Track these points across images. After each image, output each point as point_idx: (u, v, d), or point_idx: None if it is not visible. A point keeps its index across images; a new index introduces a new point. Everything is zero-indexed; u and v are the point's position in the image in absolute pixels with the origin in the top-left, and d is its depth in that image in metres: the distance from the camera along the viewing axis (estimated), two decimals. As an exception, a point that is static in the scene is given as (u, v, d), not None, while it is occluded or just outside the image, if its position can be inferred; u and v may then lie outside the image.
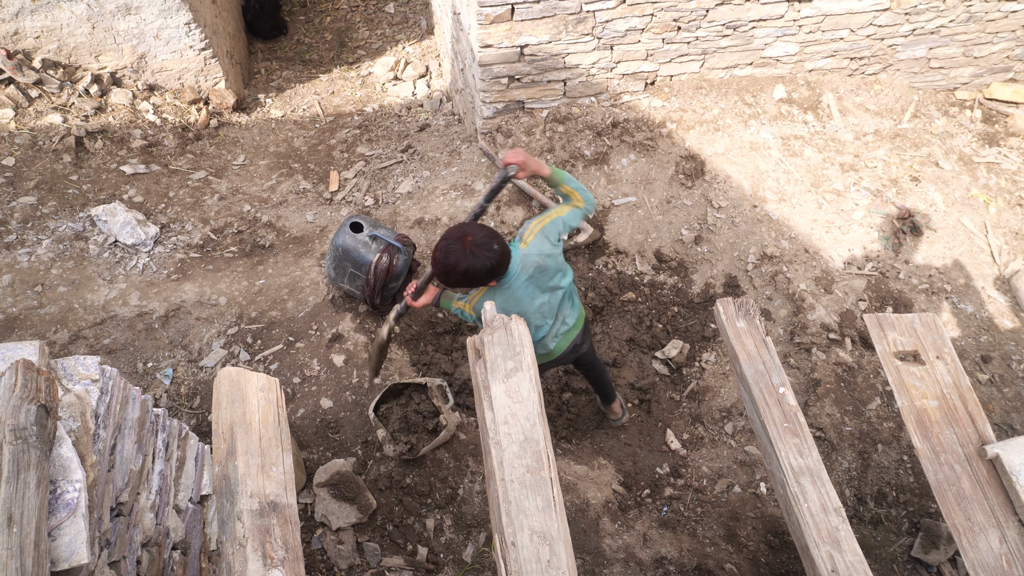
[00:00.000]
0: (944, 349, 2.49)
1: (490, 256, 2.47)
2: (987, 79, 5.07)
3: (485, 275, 2.50)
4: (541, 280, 2.73)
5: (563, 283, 2.84)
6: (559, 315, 2.95)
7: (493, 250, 2.48)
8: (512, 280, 2.65)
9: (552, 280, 2.78)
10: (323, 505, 3.20)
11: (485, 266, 2.47)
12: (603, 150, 4.49)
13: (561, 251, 2.79)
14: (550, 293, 2.81)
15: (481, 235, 2.49)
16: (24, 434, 1.74)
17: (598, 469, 3.66)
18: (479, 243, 2.46)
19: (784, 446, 2.20)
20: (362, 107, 5.92)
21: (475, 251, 2.45)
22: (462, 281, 2.51)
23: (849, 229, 4.36)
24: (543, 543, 1.78)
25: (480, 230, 2.51)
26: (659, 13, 4.17)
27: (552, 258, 2.73)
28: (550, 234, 2.73)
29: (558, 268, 2.78)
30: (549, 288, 2.79)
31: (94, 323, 3.82)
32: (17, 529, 1.63)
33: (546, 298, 2.81)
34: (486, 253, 2.46)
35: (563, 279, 2.83)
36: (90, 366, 2.19)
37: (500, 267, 2.52)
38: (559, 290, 2.84)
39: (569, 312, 3.00)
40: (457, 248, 2.46)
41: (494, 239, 2.51)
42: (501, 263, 2.52)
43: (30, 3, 4.60)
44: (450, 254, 2.46)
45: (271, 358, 3.77)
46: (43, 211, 4.34)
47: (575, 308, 3.04)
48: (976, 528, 2.12)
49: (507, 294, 2.66)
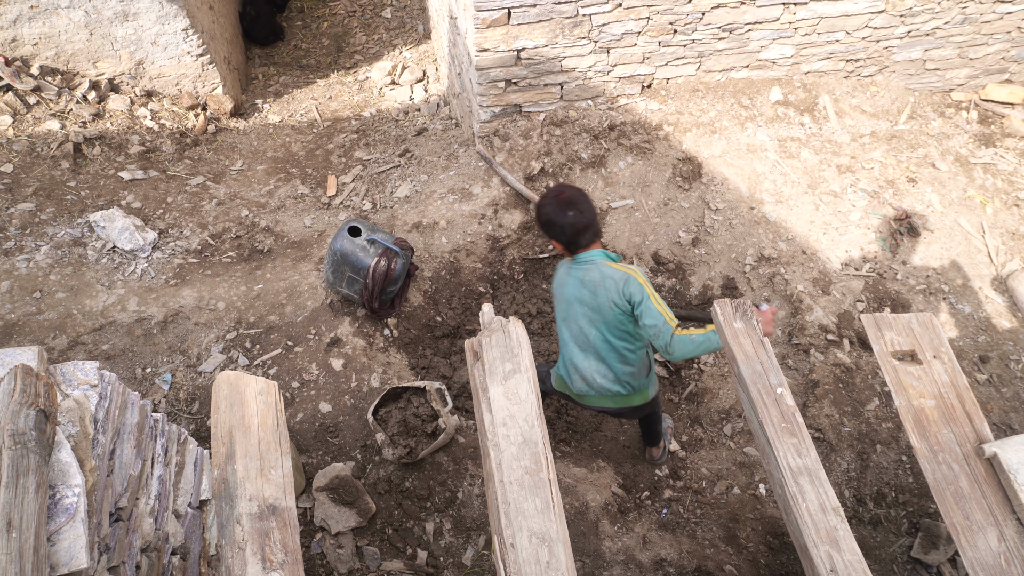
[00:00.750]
0: (941, 349, 2.49)
1: (567, 217, 2.68)
2: (983, 80, 5.09)
3: (556, 232, 2.72)
4: (584, 297, 2.79)
5: (594, 331, 2.83)
6: (587, 367, 2.92)
7: (569, 215, 2.68)
8: (575, 266, 2.82)
9: (592, 314, 2.80)
10: (322, 509, 3.20)
11: (560, 222, 2.69)
12: (600, 153, 4.50)
13: (620, 319, 2.75)
14: (593, 311, 2.81)
15: (576, 195, 2.73)
16: (23, 439, 1.74)
17: (597, 471, 3.66)
18: (570, 200, 2.70)
19: (782, 446, 2.20)
20: (359, 112, 5.94)
21: (561, 206, 2.69)
22: (544, 228, 2.77)
23: (846, 230, 4.37)
24: (542, 544, 1.78)
25: (577, 193, 2.74)
26: (655, 16, 4.19)
27: (604, 297, 2.73)
28: (627, 287, 2.69)
29: (599, 311, 2.77)
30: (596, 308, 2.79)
31: (93, 329, 3.83)
32: (16, 534, 1.63)
33: (581, 325, 2.85)
34: (568, 212, 2.68)
35: (597, 330, 2.82)
36: (89, 371, 2.20)
37: (574, 232, 2.70)
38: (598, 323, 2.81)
39: (598, 380, 2.94)
40: (551, 200, 2.73)
41: (576, 205, 2.69)
42: (575, 230, 2.69)
43: (28, 10, 4.61)
44: (546, 198, 2.76)
45: (270, 363, 3.77)
46: (41, 217, 4.34)
47: (615, 381, 2.94)
48: (974, 527, 2.12)
49: (565, 274, 2.86)
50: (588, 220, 2.71)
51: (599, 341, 2.85)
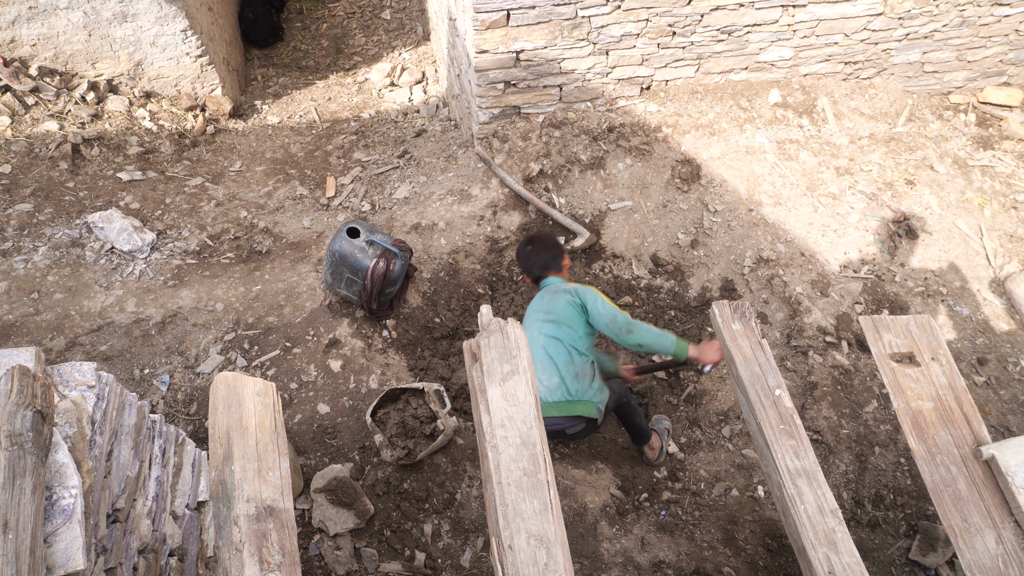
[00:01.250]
0: (939, 351, 2.50)
1: (527, 250, 3.40)
2: (981, 83, 5.10)
3: (521, 264, 3.45)
4: (543, 303, 3.24)
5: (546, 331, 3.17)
6: (539, 371, 3.17)
7: (528, 248, 3.40)
8: (539, 294, 3.34)
9: (544, 316, 3.20)
10: (320, 511, 3.20)
11: (522, 254, 3.43)
12: (599, 155, 4.51)
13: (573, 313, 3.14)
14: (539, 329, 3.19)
15: (538, 234, 3.49)
16: (20, 440, 1.73)
17: (596, 473, 3.65)
18: (530, 239, 3.44)
19: (780, 448, 2.20)
20: (358, 113, 5.94)
21: (524, 243, 3.44)
22: (518, 263, 3.55)
23: (845, 232, 4.38)
24: (540, 546, 1.78)
25: (542, 234, 3.48)
26: (654, 18, 4.19)
27: (559, 298, 3.18)
28: (582, 291, 3.15)
29: (553, 310, 3.17)
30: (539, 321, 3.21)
31: (91, 330, 3.82)
32: (13, 535, 1.62)
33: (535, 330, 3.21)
34: (527, 247, 3.41)
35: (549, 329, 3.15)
36: (86, 372, 2.19)
37: (531, 263, 3.39)
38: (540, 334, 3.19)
39: (552, 381, 3.16)
40: (522, 240, 3.52)
41: (535, 243, 3.40)
42: (531, 261, 3.39)
43: (27, 11, 4.61)
44: (520, 245, 3.49)
45: (268, 364, 3.77)
46: (39, 218, 4.34)
47: (561, 384, 3.15)
48: (972, 529, 2.12)
49: (531, 307, 3.35)
50: (543, 255, 3.34)
51: (549, 339, 3.14)
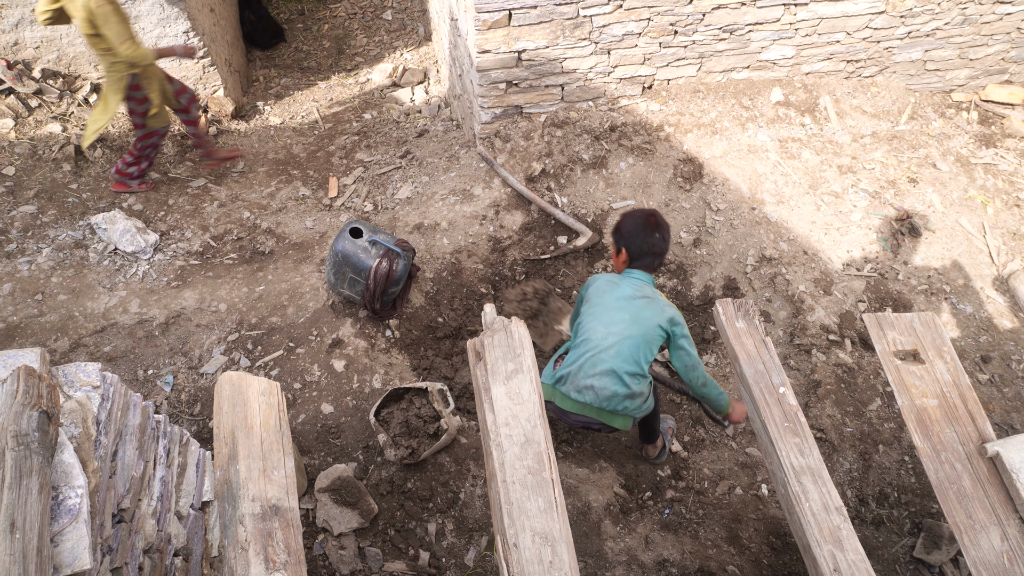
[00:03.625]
0: (943, 348, 2.49)
1: (654, 238, 2.89)
2: (983, 81, 5.09)
3: (637, 244, 2.90)
4: (632, 305, 2.84)
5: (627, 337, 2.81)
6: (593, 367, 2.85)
7: (655, 237, 2.89)
8: (627, 278, 2.93)
9: (632, 322, 2.81)
10: (325, 510, 3.20)
11: (648, 243, 2.88)
12: (601, 154, 4.51)
13: (656, 335, 2.83)
14: (623, 338, 2.81)
15: (665, 224, 2.94)
16: (26, 440, 1.74)
17: (599, 472, 3.66)
18: (660, 224, 2.92)
19: (785, 446, 2.20)
20: (360, 114, 5.94)
21: (652, 227, 2.90)
22: (625, 236, 2.94)
23: (848, 231, 4.37)
24: (545, 544, 1.78)
25: (666, 224, 2.96)
26: (656, 17, 4.19)
27: (653, 313, 2.81)
28: (676, 319, 2.84)
29: (641, 323, 2.81)
30: (627, 335, 2.81)
31: (94, 331, 3.83)
32: (20, 535, 1.63)
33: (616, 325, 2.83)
34: (656, 234, 2.89)
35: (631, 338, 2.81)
36: (91, 372, 2.20)
37: (656, 251, 2.91)
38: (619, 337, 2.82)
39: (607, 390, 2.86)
40: (641, 217, 2.93)
41: (663, 231, 2.92)
42: (655, 252, 2.91)
43: (30, 13, 4.62)
44: (635, 214, 2.96)
45: (271, 364, 3.77)
46: (43, 220, 4.35)
47: (615, 396, 2.86)
48: (977, 526, 2.12)
49: (614, 282, 2.95)
50: (665, 248, 2.95)
51: (630, 349, 2.80)
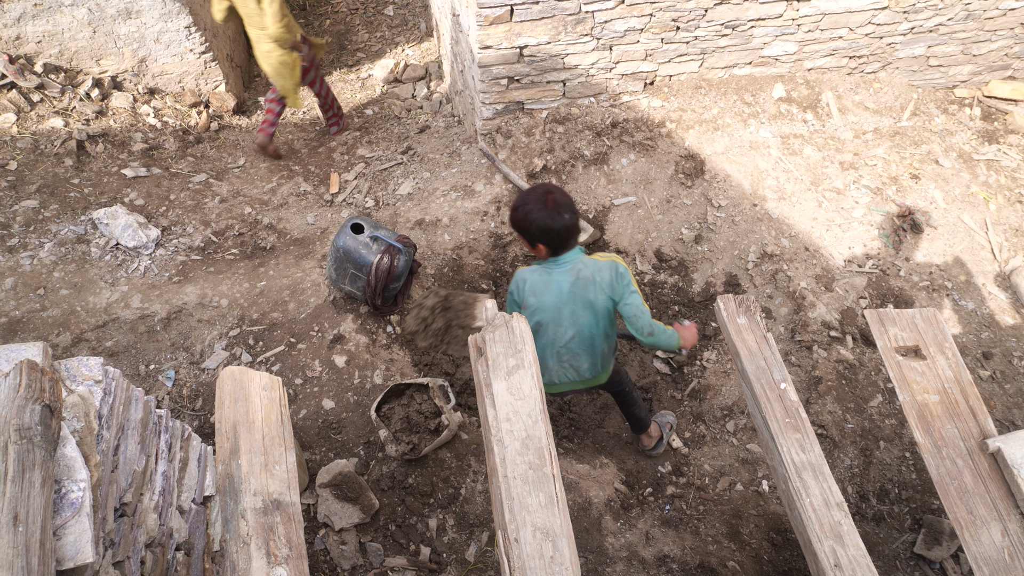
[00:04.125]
0: (945, 344, 2.49)
1: (568, 215, 2.57)
2: (986, 77, 5.08)
3: (538, 233, 2.59)
4: (577, 298, 2.73)
5: (583, 324, 2.78)
6: (562, 356, 2.89)
7: (563, 217, 2.57)
8: (556, 267, 2.70)
9: (580, 307, 2.74)
10: (326, 506, 3.21)
11: (544, 223, 2.56)
12: (603, 150, 4.50)
13: (609, 307, 2.74)
14: (571, 316, 2.76)
15: (564, 198, 2.59)
16: (29, 434, 1.74)
17: (600, 468, 3.66)
18: (559, 203, 2.57)
19: (786, 441, 2.21)
20: (362, 109, 5.94)
21: (551, 207, 2.56)
22: (519, 224, 2.62)
23: (849, 227, 4.37)
24: (546, 539, 1.78)
25: (563, 194, 2.61)
26: (658, 13, 4.19)
27: (596, 291, 2.70)
28: (619, 281, 2.69)
29: (591, 305, 2.73)
30: (574, 312, 2.75)
31: (96, 326, 3.83)
32: (23, 528, 1.63)
33: (565, 319, 2.77)
34: (564, 215, 2.57)
35: (593, 323, 2.79)
36: (93, 367, 2.20)
37: (568, 231, 2.60)
38: (579, 323, 2.79)
39: (584, 366, 2.94)
40: (536, 196, 2.59)
41: (572, 207, 2.60)
42: (569, 227, 2.60)
43: (32, 8, 4.62)
44: (529, 202, 2.59)
45: (273, 359, 3.78)
46: (45, 214, 4.35)
47: (583, 364, 2.94)
48: (978, 522, 2.12)
49: (546, 278, 2.72)
50: (578, 220, 2.64)
51: (589, 330, 2.81)
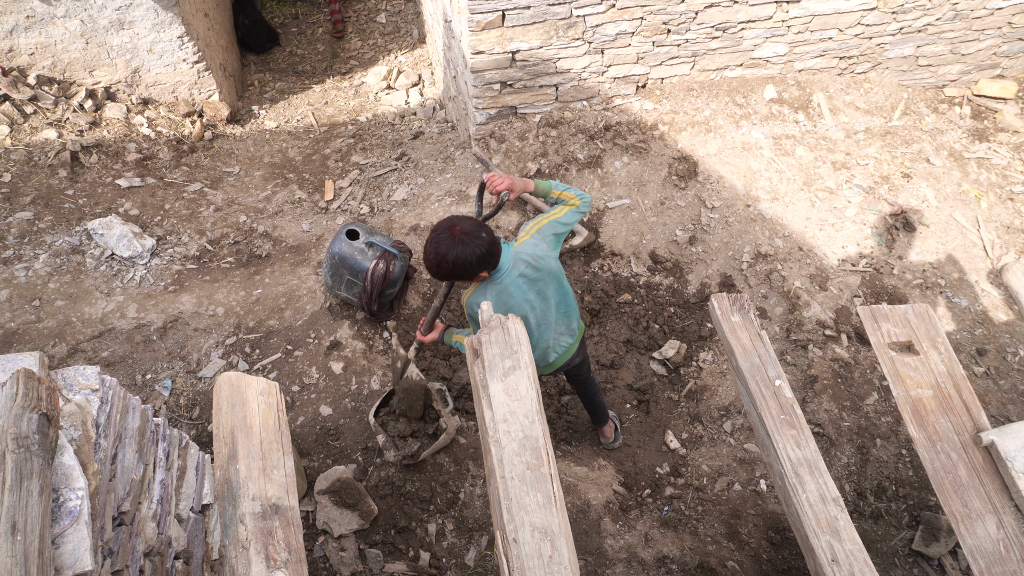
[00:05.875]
0: (938, 339, 2.51)
1: (479, 244, 2.46)
2: (975, 76, 5.12)
3: (476, 263, 2.49)
4: (534, 282, 2.72)
5: (554, 293, 2.82)
6: (556, 327, 2.94)
7: (481, 238, 2.47)
8: (503, 275, 2.63)
9: (546, 286, 2.76)
10: (324, 512, 3.21)
11: (475, 254, 2.46)
12: (596, 153, 4.52)
13: (556, 257, 2.77)
14: (542, 299, 2.79)
15: (469, 224, 2.49)
16: (26, 443, 1.74)
17: (598, 470, 3.67)
18: (467, 231, 2.46)
19: (782, 438, 2.22)
20: (356, 116, 5.95)
21: (464, 239, 2.44)
22: (452, 271, 2.50)
23: (842, 226, 4.39)
24: (544, 539, 1.79)
25: (467, 221, 2.50)
26: (648, 16, 4.21)
27: (545, 260, 2.71)
28: (546, 235, 2.74)
29: (551, 273, 2.76)
30: (540, 293, 2.77)
31: (92, 336, 3.83)
32: (21, 537, 1.63)
33: (539, 302, 2.79)
34: (475, 241, 2.45)
35: (556, 290, 2.82)
36: (90, 376, 2.20)
37: (491, 256, 2.51)
38: (550, 300, 2.82)
39: (567, 328, 3.01)
40: (446, 238, 2.46)
41: (482, 228, 2.50)
42: (491, 252, 2.51)
43: (24, 20, 4.63)
44: (440, 243, 2.46)
45: (270, 367, 3.78)
46: (40, 226, 4.35)
47: (573, 324, 3.03)
48: (973, 515, 2.13)
49: (499, 289, 2.64)
50: (490, 231, 2.54)
51: (560, 293, 2.86)
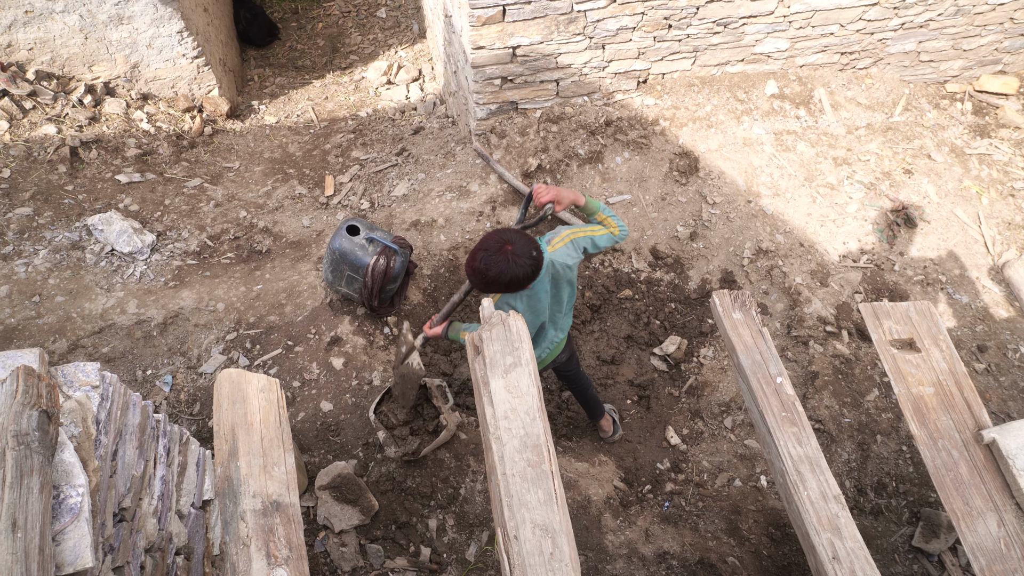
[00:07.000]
0: (939, 336, 2.51)
1: (530, 263, 2.52)
2: (977, 71, 5.11)
3: (525, 281, 2.56)
4: (556, 285, 2.85)
5: (567, 296, 2.96)
6: (558, 325, 3.07)
7: (532, 257, 2.52)
8: (536, 282, 2.70)
9: (561, 290, 2.89)
10: (325, 508, 3.21)
11: (526, 273, 2.52)
12: (597, 149, 4.51)
13: (577, 266, 2.90)
14: (556, 301, 2.92)
15: (520, 243, 2.54)
16: (26, 440, 1.74)
17: (599, 466, 3.67)
18: (519, 252, 2.51)
19: (783, 435, 2.22)
20: (356, 112, 5.94)
21: (516, 260, 2.50)
22: (505, 288, 2.57)
23: (843, 222, 4.39)
24: (545, 536, 1.79)
25: (518, 237, 2.55)
26: (650, 11, 4.20)
27: (570, 269, 2.83)
28: (578, 246, 2.85)
29: (570, 280, 2.89)
30: (556, 296, 2.89)
31: (92, 332, 3.83)
32: (22, 534, 1.63)
33: (554, 304, 2.93)
34: (527, 261, 2.51)
35: (569, 293, 2.95)
36: (90, 372, 2.20)
37: (537, 271, 2.58)
38: (562, 302, 2.96)
39: (562, 325, 3.12)
40: (499, 258, 2.50)
41: (531, 246, 2.55)
42: (538, 268, 2.57)
43: (23, 15, 4.61)
44: (492, 263, 2.51)
45: (270, 363, 3.77)
46: (39, 222, 4.34)
47: (567, 321, 3.15)
48: (974, 512, 2.13)
49: (530, 294, 2.73)
50: (538, 247, 2.60)
51: (568, 295, 2.97)
